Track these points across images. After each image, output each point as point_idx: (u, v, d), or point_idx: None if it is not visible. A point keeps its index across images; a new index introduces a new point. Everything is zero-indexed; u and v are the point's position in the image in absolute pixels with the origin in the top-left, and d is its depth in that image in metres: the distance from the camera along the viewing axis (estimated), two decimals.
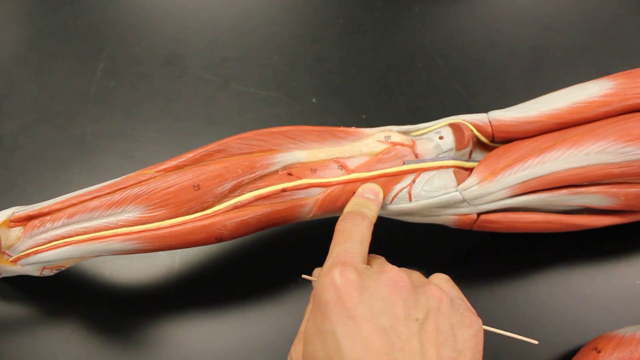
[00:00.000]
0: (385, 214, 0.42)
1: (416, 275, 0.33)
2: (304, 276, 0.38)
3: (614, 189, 0.41)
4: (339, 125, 0.44)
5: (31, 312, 0.46)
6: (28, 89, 0.58)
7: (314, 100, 0.55)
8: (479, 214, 0.41)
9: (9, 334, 0.45)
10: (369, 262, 0.34)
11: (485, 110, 0.52)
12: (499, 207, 0.41)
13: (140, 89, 0.57)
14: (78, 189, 0.51)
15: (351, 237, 0.34)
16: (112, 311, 0.45)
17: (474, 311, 0.32)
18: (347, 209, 0.39)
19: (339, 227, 0.36)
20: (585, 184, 0.41)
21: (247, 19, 0.62)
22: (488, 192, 0.40)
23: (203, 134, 0.54)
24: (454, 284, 0.35)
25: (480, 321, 0.31)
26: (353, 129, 0.42)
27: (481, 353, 0.30)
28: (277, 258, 0.47)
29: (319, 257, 0.46)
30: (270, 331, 0.44)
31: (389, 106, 0.55)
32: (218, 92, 0.57)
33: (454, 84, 0.56)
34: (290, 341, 0.43)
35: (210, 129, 0.54)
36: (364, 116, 0.54)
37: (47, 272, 0.41)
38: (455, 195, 0.39)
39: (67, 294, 0.46)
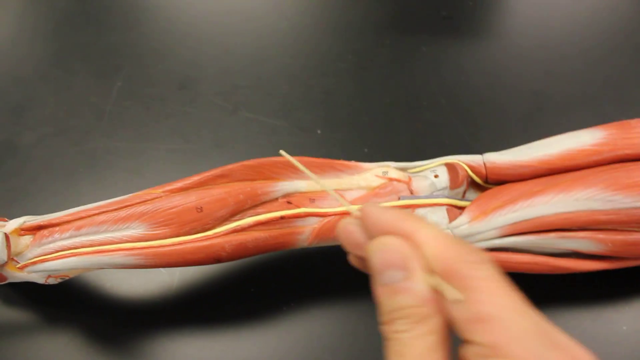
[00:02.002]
0: None
1: None
2: None
3: (601, 235, 0.42)
4: (341, 157, 0.46)
5: (32, 318, 0.47)
6: (46, 103, 0.61)
7: (319, 131, 0.57)
8: None
9: (8, 337, 0.46)
10: None
11: (483, 150, 0.53)
12: (488, 247, 0.42)
13: (153, 110, 0.60)
14: (87, 201, 0.53)
15: None
16: (110, 322, 0.47)
17: None
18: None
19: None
20: (574, 228, 0.42)
21: (260, 49, 0.64)
22: (478, 231, 0.41)
23: (210, 157, 0.56)
24: None
25: None
26: (352, 163, 0.44)
27: None
28: (273, 282, 0.49)
29: (312, 283, 0.48)
30: (261, 354, 0.45)
31: (391, 141, 0.57)
32: (227, 117, 0.59)
33: (456, 123, 0.58)
34: None
35: (217, 152, 0.56)
36: (366, 150, 0.56)
37: (51, 281, 0.42)
38: (445, 232, 0.41)
39: (68, 302, 0.48)
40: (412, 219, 0.24)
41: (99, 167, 0.56)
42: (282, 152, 0.35)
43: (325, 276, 0.48)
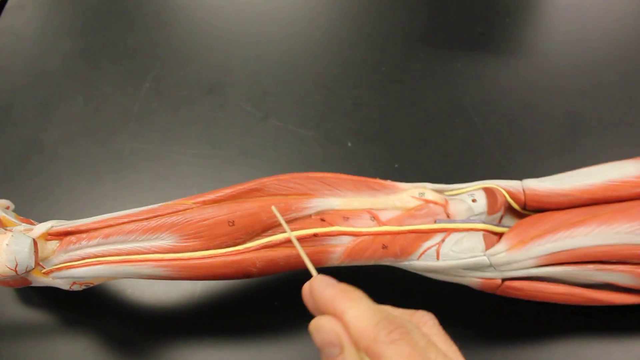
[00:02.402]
0: (410, 269, 0.42)
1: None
2: None
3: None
4: (371, 172, 0.45)
5: (51, 321, 0.46)
6: (74, 101, 0.60)
7: (349, 144, 0.56)
8: (503, 280, 0.41)
9: (26, 338, 0.46)
10: None
11: (516, 172, 0.52)
12: (524, 275, 0.41)
13: (181, 113, 0.59)
14: (110, 203, 0.53)
15: None
16: (129, 329, 0.46)
17: None
18: None
19: None
20: (613, 261, 0.41)
21: (292, 56, 0.63)
22: (515, 259, 0.40)
23: (237, 165, 0.55)
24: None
25: None
26: (388, 182, 0.43)
27: None
28: (297, 297, 0.47)
29: None
30: None
31: (422, 158, 0.55)
32: (256, 125, 0.58)
33: (488, 142, 0.57)
34: None
35: (245, 160, 0.55)
36: (396, 165, 0.55)
37: (76, 287, 0.42)
38: (482, 259, 0.40)
39: (87, 306, 0.47)
40: (344, 299, 0.28)
41: (124, 168, 0.55)
42: (273, 208, 0.38)
43: None
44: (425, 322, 0.30)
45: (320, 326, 0.28)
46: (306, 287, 0.31)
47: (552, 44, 0.65)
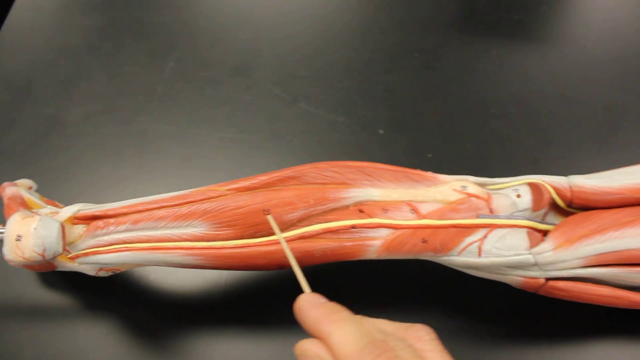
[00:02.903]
0: (449, 265, 0.40)
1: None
2: None
3: None
4: (403, 161, 0.43)
5: (74, 305, 0.45)
6: (96, 79, 0.58)
7: (381, 131, 0.54)
8: (547, 279, 0.39)
9: (48, 323, 0.44)
10: None
11: (551, 165, 0.50)
12: (569, 275, 0.39)
13: (207, 95, 0.57)
14: (134, 186, 0.51)
15: None
16: (152, 316, 0.45)
17: None
18: None
19: None
20: None
21: (322, 39, 0.61)
22: (562, 259, 0.38)
23: (265, 150, 0.53)
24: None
25: None
26: (429, 174, 0.41)
27: None
28: (330, 288, 0.46)
29: (374, 294, 0.45)
30: None
31: (456, 149, 0.54)
32: (285, 109, 0.56)
33: (524, 135, 0.55)
34: None
35: (272, 145, 0.54)
36: (429, 155, 0.53)
37: (102, 273, 0.40)
38: (527, 257, 0.38)
39: (109, 291, 0.45)
40: (329, 321, 0.28)
41: (147, 150, 0.54)
42: (269, 217, 0.38)
43: (389, 288, 0.46)
44: (420, 337, 0.29)
45: (305, 350, 0.28)
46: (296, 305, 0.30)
47: (591, 33, 0.63)
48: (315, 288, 0.46)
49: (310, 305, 0.29)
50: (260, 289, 0.46)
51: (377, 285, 0.46)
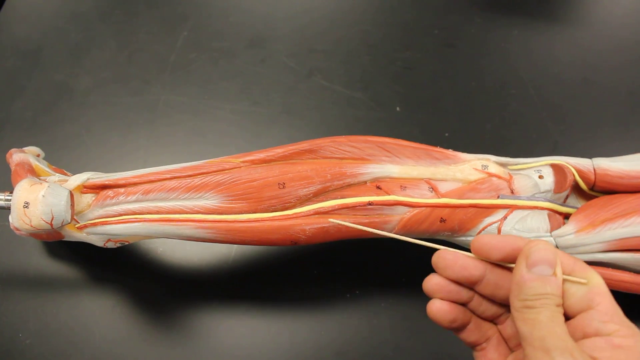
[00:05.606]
0: (466, 246, 0.39)
1: None
2: None
3: None
4: (420, 139, 0.42)
5: (80, 276, 0.44)
6: (107, 46, 0.57)
7: (398, 108, 0.53)
8: None
9: (54, 293, 0.44)
10: None
11: (571, 148, 0.49)
12: (589, 260, 0.38)
13: (220, 66, 0.56)
14: (143, 157, 0.50)
15: None
16: (159, 289, 0.44)
17: None
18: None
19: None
20: None
21: (340, 12, 0.60)
22: (583, 243, 0.37)
23: (279, 124, 0.52)
24: None
25: None
26: (450, 152, 0.40)
27: None
28: (339, 266, 0.45)
29: (383, 273, 0.44)
30: (319, 341, 0.42)
31: (474, 129, 0.52)
32: (300, 82, 0.55)
33: (544, 117, 0.53)
34: (338, 353, 0.41)
35: (287, 119, 0.52)
36: (446, 134, 0.52)
37: (110, 245, 0.39)
38: (548, 240, 0.37)
39: (117, 264, 0.45)
40: (521, 239, 0.29)
41: (158, 121, 0.52)
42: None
43: (398, 268, 0.45)
44: None
45: (541, 246, 0.28)
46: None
47: (617, 14, 0.61)
48: (320, 267, 0.45)
49: (495, 236, 0.30)
50: (269, 265, 0.45)
51: (385, 264, 0.45)
